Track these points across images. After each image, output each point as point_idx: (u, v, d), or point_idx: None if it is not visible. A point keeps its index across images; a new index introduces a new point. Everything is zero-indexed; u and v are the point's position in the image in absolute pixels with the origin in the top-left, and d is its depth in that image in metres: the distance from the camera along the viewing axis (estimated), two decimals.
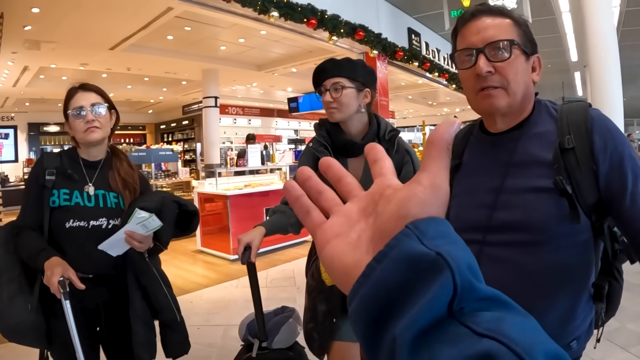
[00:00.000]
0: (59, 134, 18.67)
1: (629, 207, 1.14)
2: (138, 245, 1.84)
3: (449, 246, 0.33)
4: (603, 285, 1.22)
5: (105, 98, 2.05)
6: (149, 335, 2.00)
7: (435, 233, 0.34)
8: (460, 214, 1.40)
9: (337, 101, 2.02)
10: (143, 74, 13.26)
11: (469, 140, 1.46)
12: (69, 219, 1.91)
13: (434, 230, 0.34)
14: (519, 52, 1.23)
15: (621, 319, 4.02)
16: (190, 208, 2.09)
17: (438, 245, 0.32)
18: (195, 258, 7.36)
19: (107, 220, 1.95)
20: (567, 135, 1.19)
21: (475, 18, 1.26)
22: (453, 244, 0.34)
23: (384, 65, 9.72)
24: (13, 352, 3.98)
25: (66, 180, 1.95)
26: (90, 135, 1.95)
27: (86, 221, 1.92)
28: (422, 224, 0.34)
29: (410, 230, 0.34)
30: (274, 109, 20.60)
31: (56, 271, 1.70)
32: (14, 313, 1.76)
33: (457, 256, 0.32)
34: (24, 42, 8.75)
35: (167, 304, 2.05)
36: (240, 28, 8.58)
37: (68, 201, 1.92)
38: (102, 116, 1.99)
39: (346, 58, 2.11)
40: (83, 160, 2.02)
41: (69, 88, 2.05)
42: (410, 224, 0.35)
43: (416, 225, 0.34)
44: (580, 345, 1.29)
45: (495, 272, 1.27)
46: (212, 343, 3.86)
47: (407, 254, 0.33)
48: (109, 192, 2.00)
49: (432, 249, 0.32)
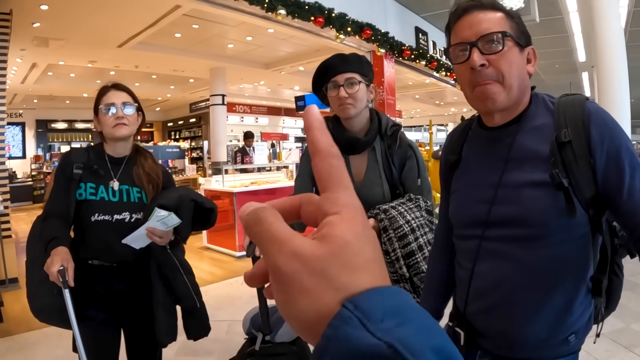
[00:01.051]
0: (66, 131, 18.80)
1: (627, 200, 1.14)
2: (159, 240, 1.96)
3: (403, 329, 0.26)
4: (601, 279, 1.21)
5: (135, 99, 2.15)
6: (171, 321, 2.11)
7: (382, 311, 0.27)
8: (460, 209, 1.41)
9: (352, 97, 1.97)
10: (151, 72, 13.32)
11: (467, 135, 1.46)
12: (94, 213, 2.02)
13: (380, 308, 0.27)
14: (512, 43, 1.23)
15: (626, 319, 4.01)
16: (207, 205, 2.13)
17: (389, 331, 0.26)
18: (202, 255, 7.40)
19: (129, 214, 2.06)
20: (564, 128, 1.19)
21: (467, 13, 1.27)
22: (408, 323, 0.27)
23: (391, 64, 9.71)
24: (18, 344, 4.06)
25: (92, 175, 2.07)
26: (119, 130, 2.05)
27: (110, 215, 2.03)
28: (363, 300, 0.28)
29: (349, 312, 0.27)
30: (281, 107, 20.64)
31: (56, 260, 1.78)
32: (41, 295, 1.94)
33: (415, 344, 0.25)
34: (33, 39, 8.80)
35: (187, 293, 2.14)
36: (247, 26, 8.61)
37: (94, 195, 2.04)
38: (131, 115, 2.09)
39: (353, 54, 2.08)
40: (108, 157, 2.13)
41: (102, 86, 2.16)
42: (347, 301, 0.28)
43: (356, 304, 0.27)
44: (578, 340, 1.29)
45: (495, 266, 1.28)
46: (217, 338, 3.88)
47: (351, 348, 0.25)
48: (133, 187, 2.10)
49: (381, 339, 0.25)
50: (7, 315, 4.78)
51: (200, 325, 2.22)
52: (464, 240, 1.40)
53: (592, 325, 1.35)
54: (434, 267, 1.63)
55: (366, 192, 2.02)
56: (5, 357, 3.81)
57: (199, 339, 2.22)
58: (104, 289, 2.06)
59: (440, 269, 1.59)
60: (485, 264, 1.31)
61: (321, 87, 2.05)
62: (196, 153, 19.38)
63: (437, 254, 1.63)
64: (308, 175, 2.18)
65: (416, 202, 1.98)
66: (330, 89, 2.00)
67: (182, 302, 2.16)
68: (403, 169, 2.07)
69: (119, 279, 2.08)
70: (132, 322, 2.17)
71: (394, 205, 1.95)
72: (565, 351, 1.28)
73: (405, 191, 2.06)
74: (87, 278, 2.00)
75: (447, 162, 1.50)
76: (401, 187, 2.06)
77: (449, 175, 1.50)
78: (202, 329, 2.22)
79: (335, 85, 1.98)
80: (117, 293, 2.09)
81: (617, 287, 1.36)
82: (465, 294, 1.38)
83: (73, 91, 15.36)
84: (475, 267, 1.33)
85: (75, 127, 19.08)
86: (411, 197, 2.00)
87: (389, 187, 2.05)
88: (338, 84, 1.97)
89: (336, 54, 2.06)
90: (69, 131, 18.95)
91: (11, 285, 5.82)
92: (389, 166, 2.06)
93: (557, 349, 1.27)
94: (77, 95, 16.06)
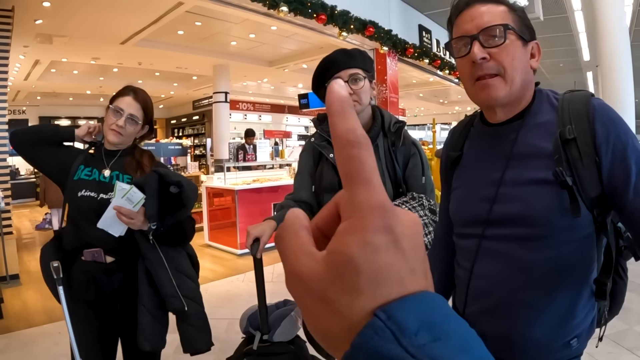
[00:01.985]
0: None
1: (633, 199, 1.10)
2: (127, 221, 1.87)
3: (439, 345, 0.24)
4: (605, 282, 1.18)
5: (146, 114, 2.18)
6: (154, 326, 1.99)
7: (417, 323, 0.24)
8: (460, 207, 1.39)
9: (357, 93, 1.95)
10: (154, 69, 13.30)
11: (469, 131, 1.44)
12: (82, 189, 2.04)
13: (415, 319, 0.24)
14: (514, 37, 1.20)
15: (628, 321, 3.99)
16: (173, 178, 1.93)
17: (423, 348, 0.23)
18: (203, 252, 7.38)
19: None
20: (568, 125, 1.16)
21: (469, 6, 1.24)
22: (445, 338, 0.24)
23: (394, 62, 9.67)
24: (18, 341, 4.06)
25: (92, 159, 2.14)
26: (111, 135, 2.09)
27: (96, 193, 2.03)
28: (397, 310, 0.25)
29: (382, 323, 0.24)
30: (284, 105, 20.63)
31: (83, 126, 2.17)
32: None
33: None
34: (36, 36, 8.81)
35: (172, 292, 1.99)
36: (250, 23, 8.58)
37: (87, 176, 2.08)
38: (131, 128, 2.11)
39: (356, 49, 2.05)
40: (104, 149, 2.16)
41: (125, 85, 2.20)
42: (380, 310, 0.25)
43: (389, 314, 0.25)
44: (580, 344, 1.26)
45: (495, 266, 1.25)
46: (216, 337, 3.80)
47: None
48: (123, 174, 2.11)
49: (414, 356, 0.23)
50: (7, 312, 4.78)
51: (197, 337, 2.06)
52: (463, 239, 1.38)
53: (595, 329, 1.32)
54: (434, 266, 1.59)
55: None
56: (4, 354, 3.81)
57: (196, 354, 2.06)
58: (95, 288, 2.03)
59: (440, 268, 1.56)
60: (484, 263, 1.28)
61: (323, 84, 2.01)
62: (199, 150, 19.39)
63: (436, 253, 1.60)
64: (308, 173, 2.15)
65: (419, 200, 1.94)
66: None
67: (167, 303, 2.00)
68: (407, 167, 2.04)
69: (110, 277, 2.04)
70: (125, 325, 2.11)
71: (397, 203, 1.91)
72: (567, 355, 1.25)
73: (408, 189, 2.03)
74: (78, 276, 2.03)
75: (449, 159, 1.47)
76: (404, 185, 2.03)
77: (449, 172, 1.47)
78: (200, 341, 2.07)
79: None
80: (108, 293, 2.05)
81: (621, 290, 1.34)
82: (464, 294, 1.35)
83: (76, 88, 15.38)
84: (475, 266, 1.31)
85: (78, 123, 19.03)
86: (414, 196, 1.96)
87: (392, 185, 2.02)
88: (342, 80, 1.93)
89: (339, 49, 2.02)
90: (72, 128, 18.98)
91: (12, 281, 5.82)
92: (392, 164, 2.03)
93: (558, 353, 1.24)
94: (81, 92, 16.09)
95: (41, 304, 4.99)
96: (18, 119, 17.13)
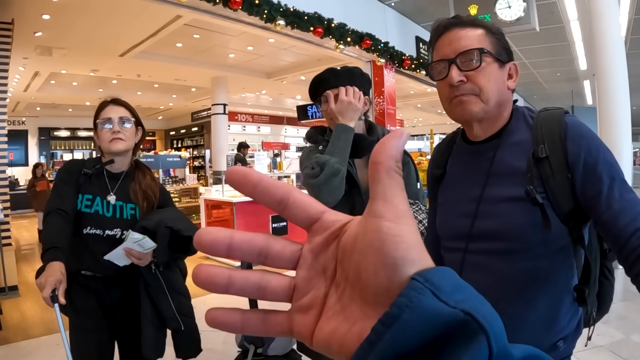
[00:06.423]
0: (69, 139, 18.89)
1: (605, 210, 1.14)
2: (137, 262, 1.97)
3: (473, 303, 0.27)
4: (584, 289, 1.22)
5: (133, 114, 2.16)
6: (157, 336, 2.10)
7: (450, 286, 0.28)
8: (445, 223, 1.43)
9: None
10: (153, 81, 13.37)
11: (452, 149, 1.48)
12: (87, 226, 2.04)
13: (448, 282, 0.28)
14: (490, 59, 1.25)
15: (626, 331, 3.99)
16: (185, 234, 2.04)
17: (461, 302, 0.27)
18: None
19: (121, 230, 2.07)
20: (541, 144, 1.21)
21: (447, 30, 1.29)
22: (475, 299, 0.28)
23: (391, 73, 9.71)
24: (16, 352, 4.06)
25: (90, 186, 2.08)
26: (115, 145, 2.07)
27: (102, 230, 2.05)
28: (432, 275, 0.28)
29: (421, 284, 0.27)
30: (283, 116, 20.68)
31: (49, 282, 1.72)
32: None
33: (488, 316, 0.27)
34: (36, 47, 8.87)
35: (171, 315, 2.12)
36: (248, 36, 8.64)
37: (88, 208, 2.05)
38: (128, 129, 2.11)
39: (344, 67, 2.08)
40: (107, 171, 2.14)
41: (101, 101, 2.17)
42: (418, 275, 0.28)
43: (426, 277, 0.28)
44: (568, 345, 1.30)
45: (478, 278, 1.28)
46: (213, 349, 3.86)
47: (428, 316, 0.26)
48: (127, 204, 2.11)
49: (456, 307, 0.26)
50: (5, 323, 4.78)
51: (188, 344, 2.20)
52: (449, 252, 1.43)
53: (582, 330, 1.36)
54: None
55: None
56: None
57: (188, 359, 2.20)
58: (95, 298, 2.08)
59: None
60: (469, 275, 1.31)
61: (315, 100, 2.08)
62: (198, 162, 19.41)
63: None
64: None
65: (417, 205, 1.98)
66: (322, 102, 2.02)
67: (166, 321, 2.14)
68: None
69: (109, 290, 2.10)
70: (124, 334, 2.17)
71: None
72: (555, 357, 1.29)
73: None
74: (78, 287, 2.05)
75: (433, 176, 1.52)
76: None
77: (435, 188, 1.51)
78: (190, 349, 2.20)
79: (326, 99, 1.99)
80: (107, 304, 2.10)
81: (608, 291, 1.39)
82: None
83: (76, 99, 15.45)
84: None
85: (77, 135, 19.18)
86: (412, 202, 1.99)
87: None
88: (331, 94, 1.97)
89: (328, 69, 2.06)
90: (71, 139, 19.05)
91: (11, 293, 5.82)
92: None
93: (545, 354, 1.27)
94: (80, 104, 16.14)
95: (40, 316, 5.00)
96: (18, 130, 17.20)
